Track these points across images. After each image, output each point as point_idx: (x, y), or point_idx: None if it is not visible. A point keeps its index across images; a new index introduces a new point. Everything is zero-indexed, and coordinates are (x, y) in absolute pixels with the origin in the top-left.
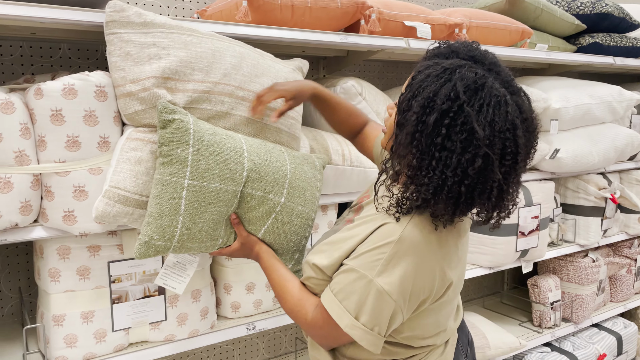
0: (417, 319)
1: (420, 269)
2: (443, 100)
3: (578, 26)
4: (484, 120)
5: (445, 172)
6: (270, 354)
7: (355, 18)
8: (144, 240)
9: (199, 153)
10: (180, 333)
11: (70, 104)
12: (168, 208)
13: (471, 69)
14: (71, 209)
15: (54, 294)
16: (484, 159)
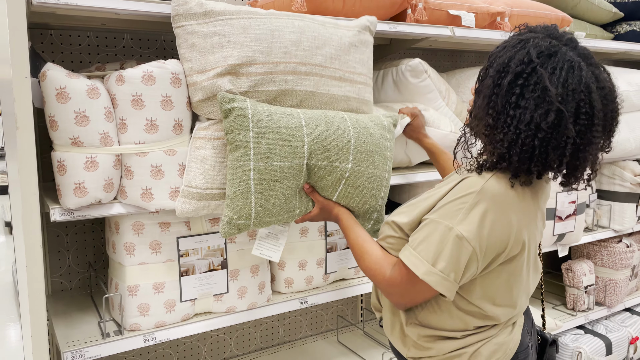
0: (490, 277)
1: (499, 220)
2: (517, 64)
3: (616, 14)
4: (557, 80)
5: (520, 127)
6: (313, 331)
7: (403, 7)
8: (226, 220)
9: (259, 135)
10: (241, 305)
11: (149, 89)
12: (240, 190)
13: (545, 39)
14: (149, 186)
15: (129, 266)
16: (557, 114)
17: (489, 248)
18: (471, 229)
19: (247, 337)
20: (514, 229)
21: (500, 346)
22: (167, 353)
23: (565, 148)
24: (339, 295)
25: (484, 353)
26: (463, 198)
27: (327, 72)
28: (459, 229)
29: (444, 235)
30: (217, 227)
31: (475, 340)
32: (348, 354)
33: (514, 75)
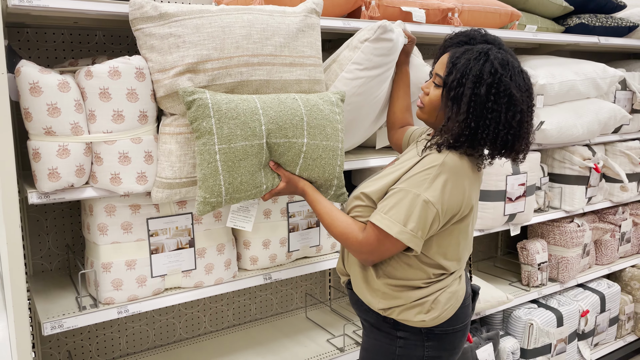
0: (444, 235)
1: (456, 186)
2: (488, 76)
3: (566, 8)
4: (517, 86)
5: (498, 127)
6: (283, 309)
7: (357, 5)
8: (200, 200)
9: (220, 121)
10: (208, 280)
11: (115, 83)
12: (209, 171)
13: (495, 50)
14: (117, 172)
15: (103, 245)
16: (521, 113)
17: (448, 210)
18: (435, 195)
19: (220, 314)
20: (466, 194)
21: (453, 294)
22: (144, 329)
23: (528, 136)
24: (301, 271)
25: (441, 300)
26: (427, 170)
27: (278, 60)
28: (426, 195)
29: (412, 200)
30: (184, 209)
31: (434, 289)
32: (314, 328)
33: (487, 86)
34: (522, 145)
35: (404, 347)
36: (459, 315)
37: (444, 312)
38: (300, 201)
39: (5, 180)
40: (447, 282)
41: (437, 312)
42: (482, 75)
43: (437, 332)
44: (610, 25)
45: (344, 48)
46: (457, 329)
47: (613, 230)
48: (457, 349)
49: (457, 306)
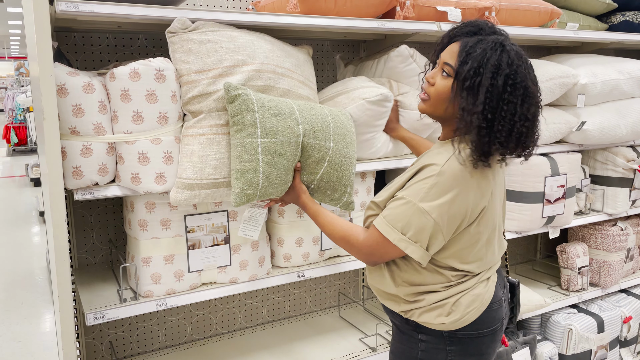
0: (455, 241)
1: (457, 194)
2: (505, 66)
3: (609, 5)
4: (532, 79)
5: (513, 119)
6: (316, 307)
7: (392, 5)
8: (237, 192)
9: (264, 116)
10: (242, 276)
11: (135, 84)
12: (250, 163)
13: (509, 42)
14: (137, 171)
15: (143, 240)
16: (535, 106)
17: (450, 219)
18: (432, 205)
19: (255, 310)
20: (470, 199)
21: (477, 297)
22: (181, 323)
23: (538, 131)
24: (333, 270)
25: (463, 302)
26: (425, 180)
27: (295, 76)
28: (422, 205)
29: (410, 209)
30: (220, 206)
31: (456, 292)
32: (347, 326)
33: (505, 76)
34: (534, 139)
35: (426, 350)
36: (485, 319)
37: (466, 315)
38: None
39: (53, 177)
40: (469, 285)
41: (458, 315)
42: (500, 65)
43: (460, 336)
44: None
45: (342, 93)
46: (483, 333)
47: None
48: (486, 355)
49: (481, 309)
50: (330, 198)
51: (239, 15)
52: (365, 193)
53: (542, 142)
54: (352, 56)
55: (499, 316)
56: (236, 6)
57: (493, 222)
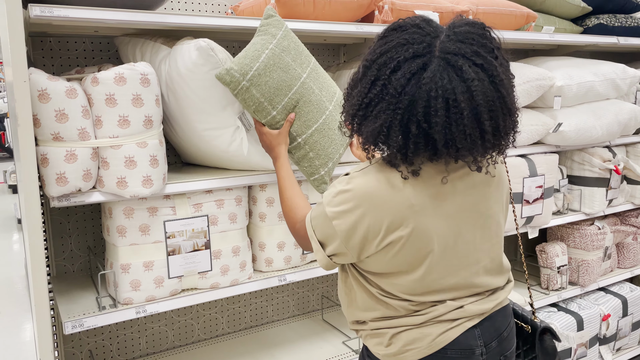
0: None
1: (358, 212)
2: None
3: (584, 8)
4: (380, 49)
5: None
6: (300, 311)
7: (370, 9)
8: (226, 67)
9: (285, 37)
10: (224, 282)
11: (121, 89)
12: (252, 54)
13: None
14: (123, 176)
15: (122, 246)
16: (357, 74)
17: (349, 234)
18: (335, 211)
19: (238, 315)
20: (374, 219)
21: (425, 336)
22: (163, 330)
23: (354, 106)
24: (315, 273)
25: (404, 337)
26: (336, 186)
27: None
28: (327, 210)
29: (322, 211)
30: (200, 211)
31: (400, 323)
32: (331, 330)
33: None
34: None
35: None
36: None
37: (404, 353)
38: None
39: (28, 185)
40: (419, 320)
41: (394, 349)
42: None
43: None
44: (629, 26)
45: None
46: None
47: (635, 233)
48: None
49: (426, 352)
50: (309, 163)
51: (218, 19)
52: None
53: (520, 143)
54: (333, 60)
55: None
56: (215, 10)
57: (428, 247)
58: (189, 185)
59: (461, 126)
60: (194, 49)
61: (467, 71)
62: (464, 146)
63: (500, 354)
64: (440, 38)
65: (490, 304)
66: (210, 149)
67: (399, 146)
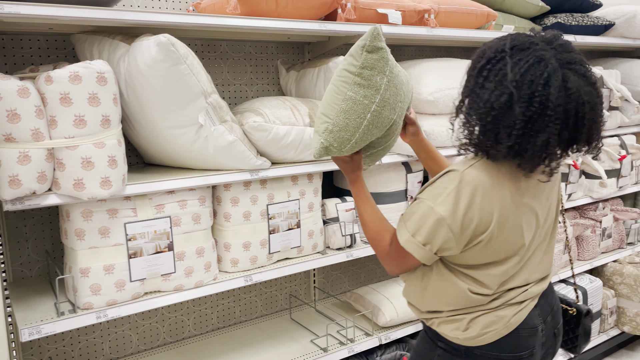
0: (474, 251)
1: (474, 203)
2: (492, 52)
3: (542, 7)
4: (518, 69)
5: (479, 104)
6: (267, 310)
7: (333, 7)
8: (325, 145)
9: (389, 84)
10: (188, 283)
11: (76, 88)
12: (353, 124)
13: (527, 37)
14: (80, 177)
15: (80, 250)
16: (509, 96)
17: (464, 227)
18: (448, 209)
19: (204, 317)
20: (486, 211)
21: (500, 319)
22: (127, 334)
23: (513, 127)
24: (282, 272)
25: (482, 321)
26: (445, 184)
27: None
28: (438, 209)
29: (426, 212)
30: (162, 212)
31: (477, 309)
32: (299, 329)
33: (486, 60)
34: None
35: (442, 357)
36: (508, 343)
37: (483, 335)
38: (281, 203)
39: None
40: (494, 305)
41: (473, 333)
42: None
43: (478, 354)
44: (586, 24)
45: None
46: (502, 357)
47: (594, 226)
48: None
49: (502, 333)
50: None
51: (179, 17)
52: (313, 194)
53: None
54: (297, 58)
55: (528, 344)
56: (176, 7)
57: (521, 240)
58: (150, 185)
59: (597, 124)
60: (154, 44)
61: (589, 77)
62: (594, 140)
63: (553, 328)
64: (550, 51)
65: (544, 284)
66: (173, 148)
67: (550, 151)
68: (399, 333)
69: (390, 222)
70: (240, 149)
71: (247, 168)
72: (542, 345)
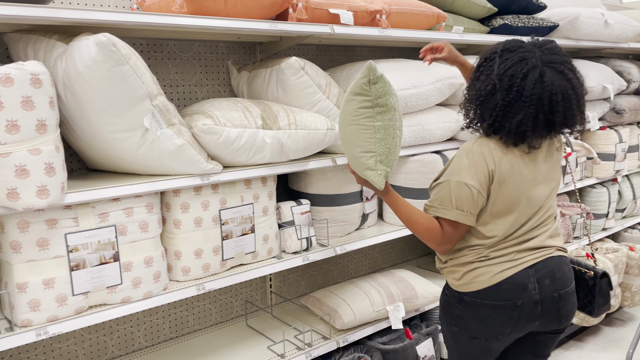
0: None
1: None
2: (488, 53)
3: (490, 9)
4: (503, 66)
5: (473, 93)
6: (222, 318)
7: (284, 7)
8: (383, 174)
9: (397, 100)
10: (136, 295)
11: (7, 91)
12: (392, 145)
13: (518, 41)
14: (14, 186)
15: (17, 264)
16: (492, 86)
17: (482, 184)
18: (471, 177)
19: (156, 328)
20: (490, 168)
21: (487, 272)
22: (72, 350)
23: (494, 109)
24: (235, 279)
25: (473, 273)
26: (461, 160)
27: None
28: (466, 181)
29: (456, 187)
30: (106, 221)
31: (472, 263)
32: (255, 335)
33: (483, 60)
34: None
35: (447, 299)
36: (490, 293)
37: (471, 284)
38: (234, 207)
39: None
40: (485, 262)
41: (464, 281)
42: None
43: (466, 299)
44: (532, 26)
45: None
46: (485, 304)
47: None
48: (486, 323)
49: (487, 284)
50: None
51: (121, 15)
52: (267, 198)
53: (434, 140)
54: (249, 58)
55: (511, 297)
56: (119, 5)
57: (522, 200)
58: (93, 193)
59: (571, 110)
60: (93, 44)
61: (567, 73)
62: (572, 124)
63: (554, 291)
64: (537, 53)
65: (544, 252)
66: (117, 153)
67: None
68: (357, 335)
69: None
70: (189, 153)
71: (197, 173)
72: (535, 303)
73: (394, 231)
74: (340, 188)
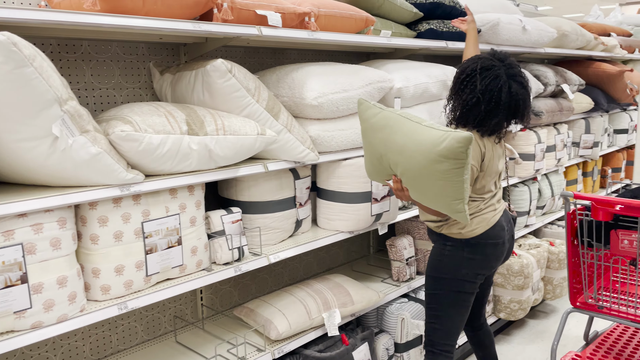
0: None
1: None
2: (469, 71)
3: (416, 14)
4: (483, 82)
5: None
6: (150, 335)
7: (208, 7)
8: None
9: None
10: (48, 319)
11: None
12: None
13: (490, 60)
14: None
15: None
16: (477, 99)
17: (477, 162)
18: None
19: (75, 351)
20: (481, 151)
21: (484, 219)
22: None
23: (477, 115)
24: (161, 296)
25: (474, 221)
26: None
27: None
28: (474, 152)
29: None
30: (12, 239)
31: (473, 214)
32: (185, 352)
33: (466, 75)
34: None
35: (451, 250)
36: (490, 233)
37: (475, 229)
38: (158, 219)
39: None
40: (481, 212)
41: (470, 228)
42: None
43: (472, 242)
44: (456, 31)
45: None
46: (488, 242)
47: None
48: (489, 257)
49: (486, 227)
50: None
51: (27, 12)
52: (195, 207)
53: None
54: (172, 60)
55: (501, 235)
56: (25, 1)
57: (494, 171)
58: None
59: (528, 110)
60: None
61: (524, 84)
62: (527, 121)
63: (510, 232)
64: (502, 69)
65: (503, 206)
66: (24, 163)
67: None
68: (292, 345)
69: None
70: (106, 162)
71: (116, 183)
72: (507, 241)
73: (329, 236)
74: (273, 194)
